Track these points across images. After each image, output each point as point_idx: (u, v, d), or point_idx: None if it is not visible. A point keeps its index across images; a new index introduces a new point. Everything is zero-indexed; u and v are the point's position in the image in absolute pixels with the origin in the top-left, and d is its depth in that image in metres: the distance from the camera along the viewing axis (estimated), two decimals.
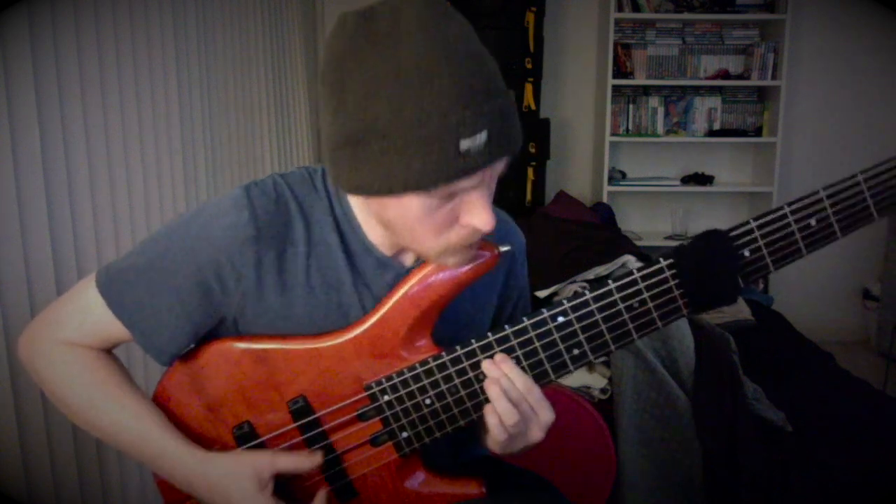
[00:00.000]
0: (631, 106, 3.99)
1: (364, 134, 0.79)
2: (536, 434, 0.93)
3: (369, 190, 0.82)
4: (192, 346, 0.99)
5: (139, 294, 0.93)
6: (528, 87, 3.56)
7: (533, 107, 3.59)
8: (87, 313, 0.96)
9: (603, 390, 2.03)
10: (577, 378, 2.04)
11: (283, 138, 3.10)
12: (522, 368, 0.92)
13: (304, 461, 0.95)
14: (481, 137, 0.77)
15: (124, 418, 0.95)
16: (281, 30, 3.10)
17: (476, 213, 0.84)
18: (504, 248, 0.93)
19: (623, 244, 2.96)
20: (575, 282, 2.36)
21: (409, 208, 0.83)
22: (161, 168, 1.90)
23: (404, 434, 0.97)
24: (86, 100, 1.55)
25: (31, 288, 1.37)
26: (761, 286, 3.91)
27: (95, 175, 1.59)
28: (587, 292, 0.90)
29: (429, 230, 0.85)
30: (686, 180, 4.03)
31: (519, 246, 1.09)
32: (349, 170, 0.82)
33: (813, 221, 0.85)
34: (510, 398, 0.90)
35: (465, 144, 0.77)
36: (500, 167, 0.84)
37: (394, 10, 0.79)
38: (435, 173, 0.78)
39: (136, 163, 1.76)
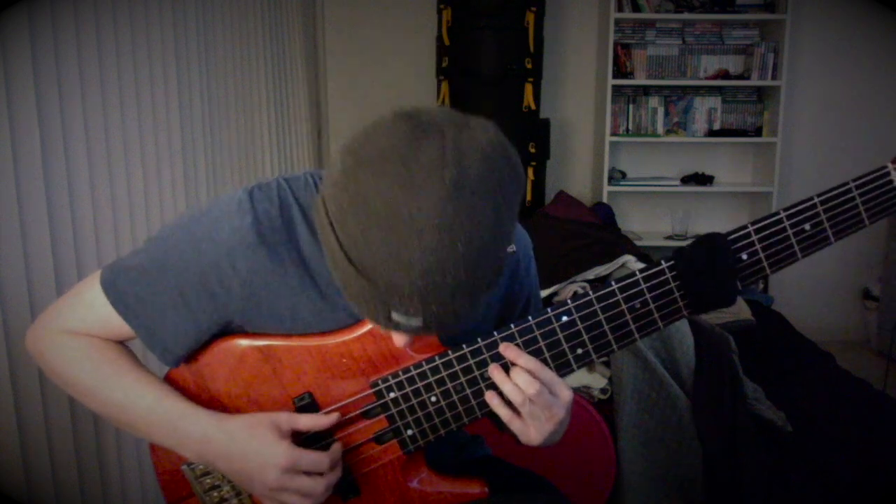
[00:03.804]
0: (631, 106, 3.99)
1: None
2: (559, 412, 0.92)
3: None
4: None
5: (143, 292, 0.94)
6: (528, 87, 3.56)
7: (533, 107, 3.58)
8: (90, 310, 0.96)
9: (603, 390, 2.03)
10: (577, 378, 2.04)
11: (283, 138, 3.10)
12: None
13: (322, 419, 0.96)
14: (415, 321, 0.79)
15: (136, 389, 0.95)
16: (281, 30, 3.10)
17: (393, 336, 0.88)
18: (510, 249, 0.94)
19: (623, 244, 2.95)
20: (575, 282, 2.36)
21: None
22: (161, 168, 1.90)
23: (409, 432, 0.98)
24: (86, 100, 1.55)
25: (31, 288, 1.37)
26: (761, 286, 3.91)
27: (95, 175, 1.59)
28: (590, 292, 0.92)
29: None
30: (686, 180, 4.03)
31: (524, 247, 1.08)
32: None
33: (807, 226, 0.89)
34: (517, 382, 0.91)
35: (395, 317, 0.79)
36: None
37: (425, 164, 0.74)
38: (364, 315, 0.83)
39: (136, 163, 1.76)
